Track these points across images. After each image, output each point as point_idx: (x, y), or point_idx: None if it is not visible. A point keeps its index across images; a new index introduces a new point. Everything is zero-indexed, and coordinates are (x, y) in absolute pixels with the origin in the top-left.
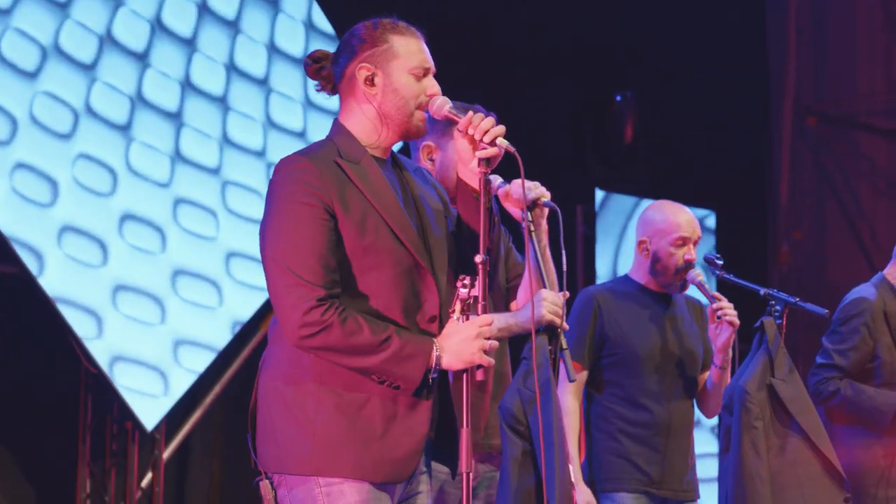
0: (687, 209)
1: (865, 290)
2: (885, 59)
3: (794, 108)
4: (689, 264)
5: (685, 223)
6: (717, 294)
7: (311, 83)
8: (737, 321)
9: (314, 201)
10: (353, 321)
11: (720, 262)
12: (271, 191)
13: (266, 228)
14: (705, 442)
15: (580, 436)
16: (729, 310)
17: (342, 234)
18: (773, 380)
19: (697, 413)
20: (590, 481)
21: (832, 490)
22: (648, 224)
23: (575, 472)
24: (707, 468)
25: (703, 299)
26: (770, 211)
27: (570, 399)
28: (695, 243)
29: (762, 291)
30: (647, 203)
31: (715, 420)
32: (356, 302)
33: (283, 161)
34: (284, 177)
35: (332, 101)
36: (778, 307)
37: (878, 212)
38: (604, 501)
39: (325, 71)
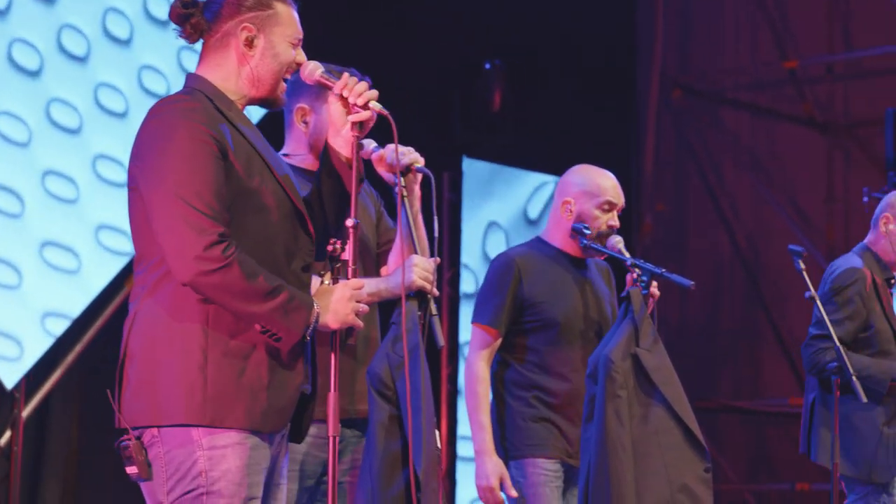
0: (612, 175)
1: (853, 260)
2: (750, 34)
3: (660, 80)
4: (611, 230)
5: (612, 188)
6: (637, 262)
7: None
8: (657, 292)
9: (207, 139)
10: (250, 264)
11: (587, 232)
12: (157, 128)
13: (159, 165)
14: None
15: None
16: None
17: (231, 173)
18: (638, 349)
19: None
20: (503, 449)
21: (693, 459)
22: (574, 185)
23: (486, 440)
24: None
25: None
26: (634, 182)
27: (481, 365)
28: (618, 211)
29: (628, 261)
30: (513, 171)
31: None
32: (241, 243)
33: (163, 101)
34: (173, 114)
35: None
36: (644, 277)
37: (741, 185)
38: (521, 468)
39: (195, 19)
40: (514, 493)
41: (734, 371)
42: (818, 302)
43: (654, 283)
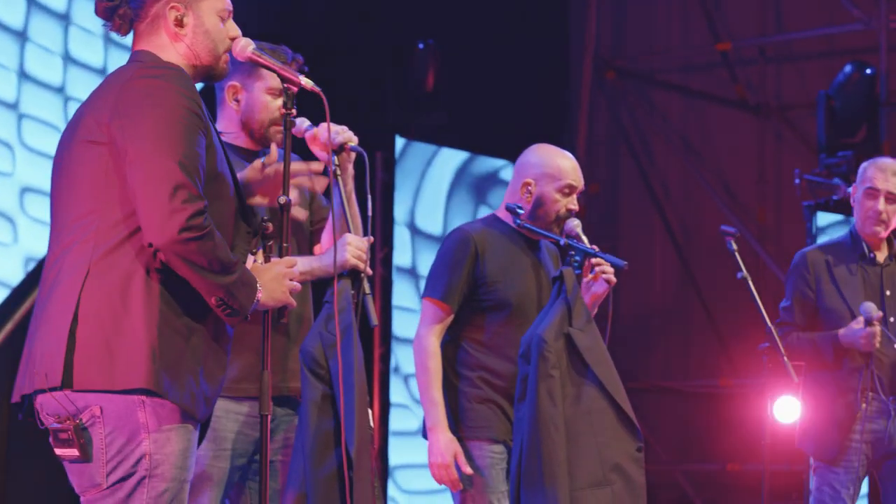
0: (572, 156)
1: (808, 247)
2: (683, 16)
3: (593, 62)
4: (570, 213)
5: (572, 170)
6: (595, 247)
7: None
8: (614, 279)
9: (197, 110)
10: (220, 236)
11: (521, 212)
12: (150, 90)
13: (153, 127)
14: None
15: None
16: (607, 266)
17: (206, 155)
18: (571, 329)
19: None
20: (453, 429)
21: (625, 439)
22: (535, 166)
23: (438, 416)
24: None
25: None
26: None
27: (432, 340)
28: (578, 193)
29: (562, 241)
30: (446, 151)
31: None
32: None
33: (152, 65)
34: (167, 80)
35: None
36: (577, 257)
37: (673, 167)
38: (466, 451)
39: (122, 9)
40: (468, 470)
41: (665, 352)
42: (750, 283)
43: (612, 272)
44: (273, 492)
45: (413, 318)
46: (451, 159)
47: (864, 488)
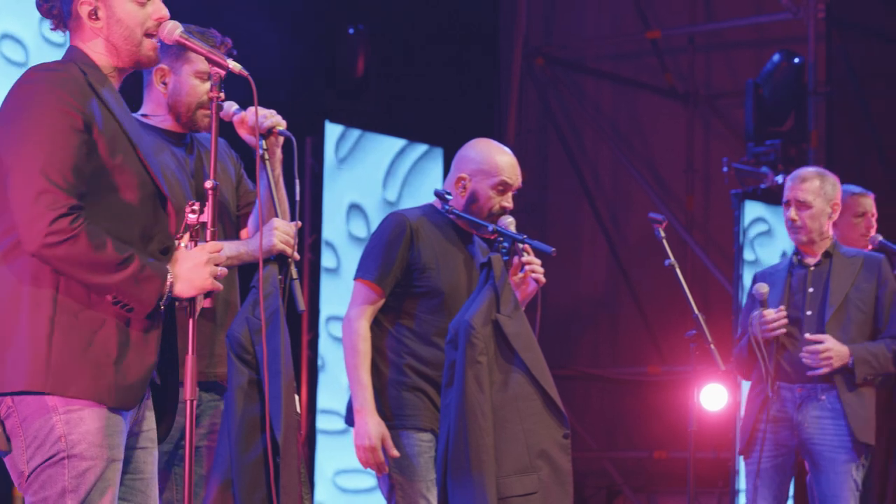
0: (511, 152)
1: None
2: (613, 4)
3: (523, 48)
4: (503, 211)
5: (509, 168)
6: (526, 247)
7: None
8: (543, 279)
9: (72, 111)
10: (99, 235)
11: (449, 198)
12: (23, 95)
13: (20, 132)
14: None
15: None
16: (537, 266)
17: (94, 150)
18: (499, 315)
19: None
20: (383, 415)
21: (552, 425)
22: (472, 161)
23: (367, 399)
24: None
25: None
26: None
27: (363, 323)
28: (514, 191)
29: (490, 228)
30: (376, 137)
31: None
32: (97, 220)
33: (37, 67)
34: (41, 82)
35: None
36: (505, 244)
37: (602, 154)
38: (394, 439)
39: (56, 10)
40: (395, 453)
41: (594, 339)
42: (677, 270)
43: (541, 272)
44: (199, 478)
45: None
46: (381, 145)
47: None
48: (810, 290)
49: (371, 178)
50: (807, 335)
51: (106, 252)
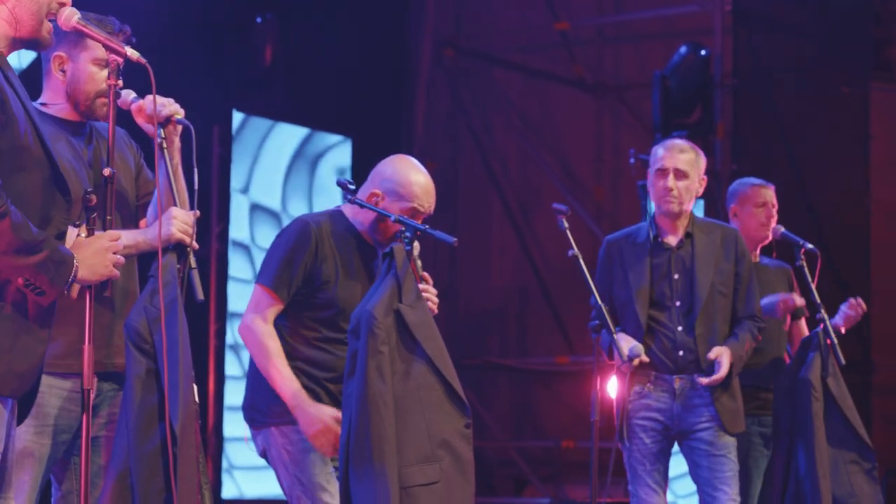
0: (429, 178)
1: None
2: None
3: (433, 39)
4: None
5: (423, 195)
6: (425, 275)
7: None
8: (436, 309)
9: None
10: (20, 216)
11: (352, 188)
12: None
13: None
14: None
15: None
16: (433, 296)
17: (5, 128)
18: (401, 305)
19: None
20: (268, 415)
21: (454, 415)
22: (387, 180)
23: (298, 391)
24: None
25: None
26: (405, 140)
27: (266, 324)
28: (425, 216)
29: (392, 218)
30: (284, 126)
31: None
32: None
33: None
34: None
35: None
36: (408, 234)
37: (512, 145)
38: (287, 434)
39: None
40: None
41: (503, 329)
42: (580, 260)
43: (436, 302)
44: (98, 467)
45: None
46: (289, 135)
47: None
48: (675, 276)
49: (279, 167)
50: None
51: (29, 231)
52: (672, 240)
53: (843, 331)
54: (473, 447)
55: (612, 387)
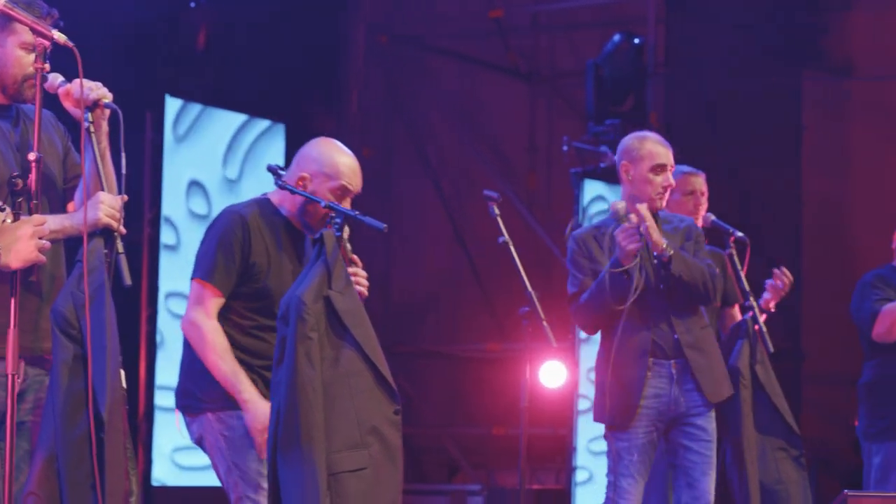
0: (354, 157)
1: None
2: None
3: (368, 25)
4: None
5: (350, 174)
6: (354, 258)
7: None
8: (366, 292)
9: None
10: None
11: (283, 173)
12: None
13: None
14: None
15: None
16: (363, 279)
17: None
18: (331, 292)
19: None
20: (202, 401)
21: (383, 401)
22: (314, 162)
23: (247, 385)
24: None
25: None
26: (339, 126)
27: (209, 319)
28: (352, 196)
29: (323, 203)
30: (218, 112)
31: None
32: None
33: None
34: None
35: None
36: (338, 220)
37: (445, 132)
38: (223, 420)
39: None
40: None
41: (436, 316)
42: (511, 247)
43: (366, 285)
44: (24, 453)
45: (182, 280)
46: (222, 120)
47: None
48: (655, 262)
49: (212, 153)
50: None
51: None
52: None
53: (772, 307)
54: (405, 433)
55: (547, 374)
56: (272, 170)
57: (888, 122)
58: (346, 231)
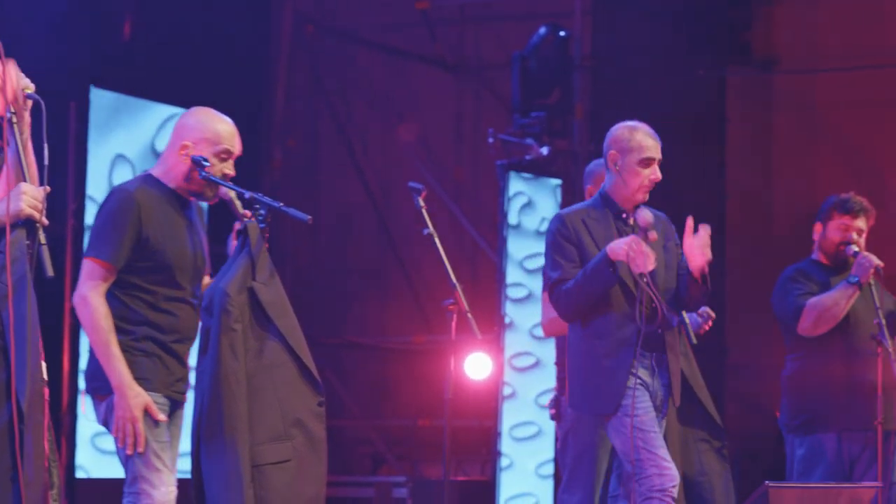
0: (231, 121)
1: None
2: None
3: (294, 15)
4: (226, 178)
5: (230, 136)
6: (246, 213)
7: None
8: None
9: None
10: None
11: (206, 164)
12: None
13: None
14: None
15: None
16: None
17: None
18: (255, 283)
19: None
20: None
21: (307, 393)
22: (194, 129)
23: (123, 372)
24: None
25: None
26: (265, 116)
27: (100, 300)
28: (234, 159)
29: (247, 195)
30: (141, 102)
31: None
32: None
33: None
34: None
35: None
36: (262, 211)
37: (370, 124)
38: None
39: None
40: (162, 418)
41: (362, 308)
42: (436, 239)
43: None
44: None
45: None
46: (148, 111)
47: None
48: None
49: (138, 144)
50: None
51: None
52: (630, 220)
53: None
54: (330, 425)
55: (472, 366)
56: (196, 161)
57: (811, 116)
58: (233, 194)
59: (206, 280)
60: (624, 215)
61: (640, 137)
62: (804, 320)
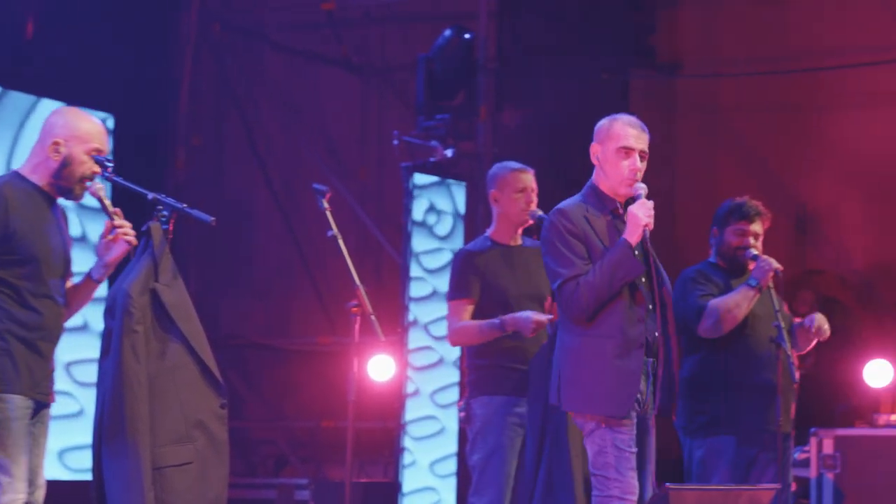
0: (101, 122)
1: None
2: None
3: (200, 13)
4: (94, 175)
5: (101, 135)
6: (117, 210)
7: None
8: (134, 240)
9: None
10: None
11: (109, 165)
12: None
13: None
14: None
15: None
16: (128, 229)
17: None
18: (157, 285)
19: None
20: None
21: (208, 395)
22: (64, 128)
23: None
24: (89, 373)
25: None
26: (170, 116)
27: None
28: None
29: (150, 196)
30: (47, 102)
31: None
32: None
33: None
34: None
35: None
36: (165, 212)
37: (277, 124)
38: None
39: None
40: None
41: (266, 309)
42: (340, 241)
43: (133, 234)
44: None
45: None
46: (46, 110)
47: None
48: (636, 252)
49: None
50: None
51: None
52: (625, 216)
53: None
54: (233, 427)
55: (375, 368)
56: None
57: (714, 119)
58: (101, 188)
59: (69, 283)
60: (619, 211)
61: (619, 127)
62: (706, 321)
